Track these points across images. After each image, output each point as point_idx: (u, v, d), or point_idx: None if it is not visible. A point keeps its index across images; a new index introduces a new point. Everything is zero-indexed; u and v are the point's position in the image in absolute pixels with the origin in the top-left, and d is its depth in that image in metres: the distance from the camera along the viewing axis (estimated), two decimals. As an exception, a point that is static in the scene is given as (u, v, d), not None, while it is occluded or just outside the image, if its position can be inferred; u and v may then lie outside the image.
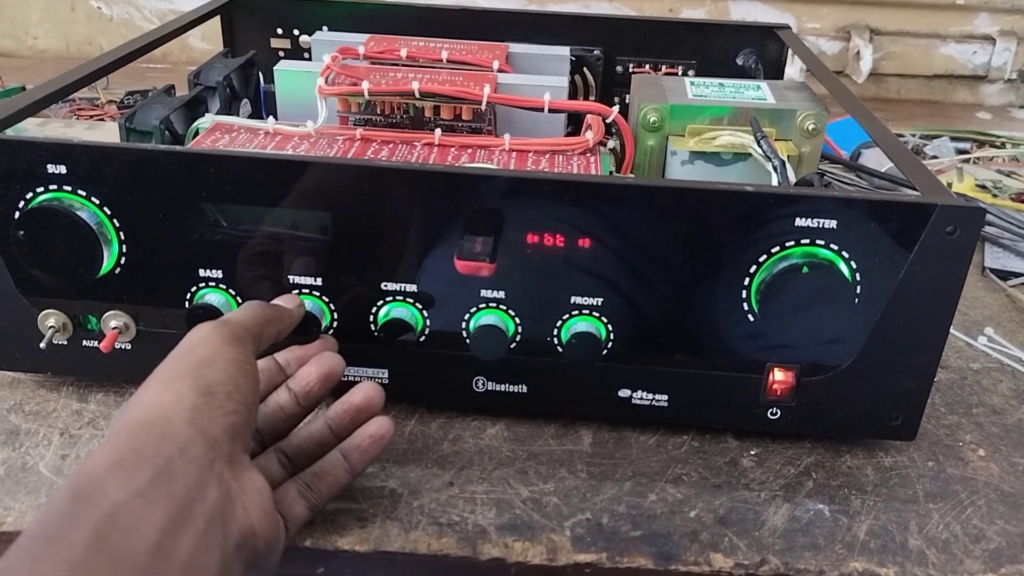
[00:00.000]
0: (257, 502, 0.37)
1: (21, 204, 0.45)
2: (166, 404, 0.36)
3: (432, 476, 0.47)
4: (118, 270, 0.47)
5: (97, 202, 0.45)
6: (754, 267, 0.45)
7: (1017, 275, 0.73)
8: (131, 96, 0.98)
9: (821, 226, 0.44)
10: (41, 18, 1.22)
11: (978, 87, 1.21)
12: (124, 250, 0.47)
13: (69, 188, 0.45)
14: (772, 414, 0.49)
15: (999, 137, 1.04)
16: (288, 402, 0.45)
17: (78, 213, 0.45)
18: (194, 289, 0.48)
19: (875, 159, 0.88)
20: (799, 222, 0.44)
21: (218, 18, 0.76)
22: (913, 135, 1.03)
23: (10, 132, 0.47)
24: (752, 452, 0.50)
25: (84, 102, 0.99)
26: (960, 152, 0.99)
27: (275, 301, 0.46)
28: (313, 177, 0.45)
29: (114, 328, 0.48)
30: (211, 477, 0.35)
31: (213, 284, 0.47)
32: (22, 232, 0.45)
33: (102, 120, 0.94)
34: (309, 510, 0.42)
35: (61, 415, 0.51)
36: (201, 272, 0.47)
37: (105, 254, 0.46)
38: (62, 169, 0.45)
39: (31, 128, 0.87)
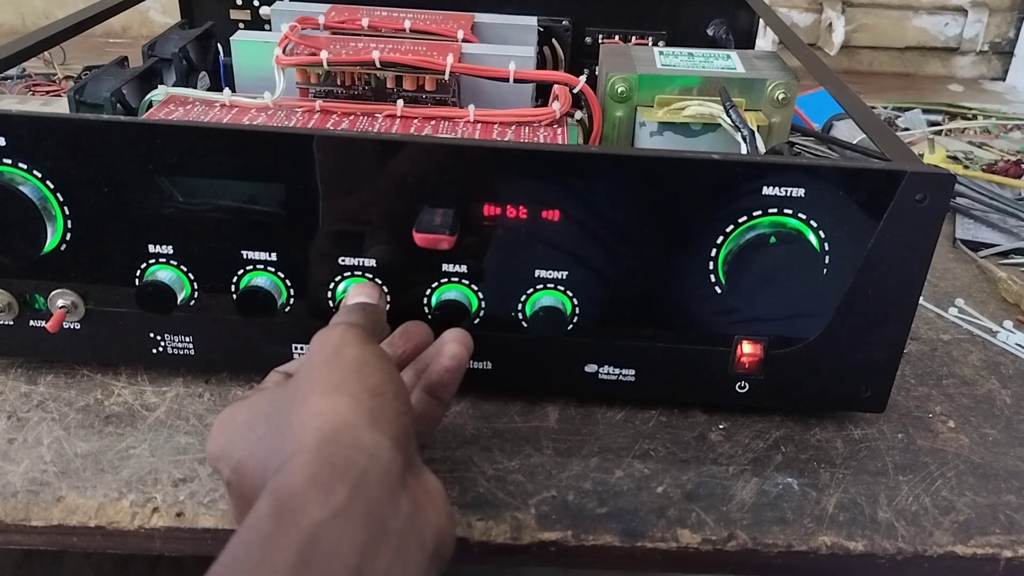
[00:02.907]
0: (441, 505, 0.35)
1: (-42, 178, 0.43)
2: (344, 410, 0.34)
3: (394, 455, 0.46)
4: (64, 247, 0.45)
5: (39, 176, 0.44)
6: (721, 238, 0.44)
7: (988, 246, 0.73)
8: (88, 71, 0.96)
9: (789, 195, 0.43)
10: (-5, -9, 1.19)
11: (950, 59, 1.21)
12: (69, 226, 0.45)
13: (9, 161, 0.43)
14: (740, 387, 0.48)
15: (971, 109, 1.04)
16: None
17: (19, 188, 0.43)
18: (144, 266, 0.46)
19: (847, 131, 0.87)
20: (767, 191, 0.43)
21: (174, -12, 0.74)
22: (885, 107, 1.02)
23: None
24: (721, 426, 0.50)
25: (40, 77, 0.96)
26: (932, 124, 0.98)
27: (357, 297, 0.45)
28: (266, 147, 0.43)
29: (61, 307, 0.47)
30: (401, 488, 0.33)
31: (164, 260, 0.46)
32: (-40, 208, 0.43)
33: (58, 95, 0.91)
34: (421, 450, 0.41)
35: (9, 398, 0.49)
36: (151, 248, 0.45)
37: (49, 230, 0.44)
38: (1, 141, 0.43)
39: (-17, 104, 0.85)
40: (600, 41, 0.75)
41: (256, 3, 0.76)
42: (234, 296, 0.46)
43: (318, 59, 0.56)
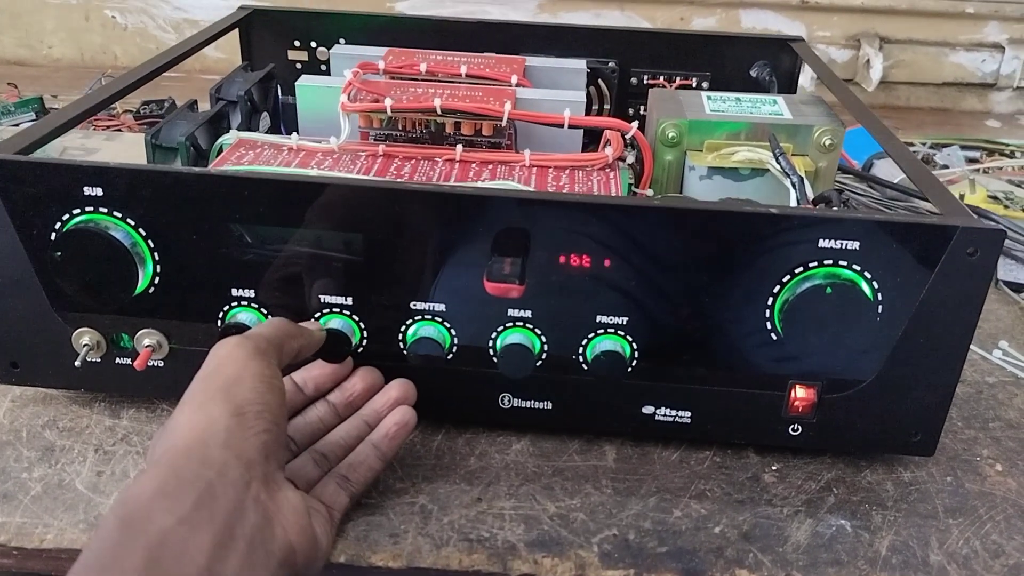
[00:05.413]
0: (293, 520, 0.38)
1: (58, 225, 0.46)
2: (201, 428, 0.37)
3: (460, 492, 0.48)
4: (152, 289, 0.48)
5: (132, 223, 0.46)
6: (777, 287, 0.46)
7: (1030, 287, 0.73)
8: (147, 106, 0.99)
9: (844, 247, 0.45)
10: (56, 27, 1.23)
11: (987, 95, 1.22)
12: (158, 270, 0.47)
13: (105, 210, 0.46)
14: (793, 430, 0.50)
15: (1008, 145, 1.05)
16: (327, 414, 0.47)
17: (113, 234, 0.46)
18: (227, 308, 0.48)
19: (887, 169, 0.89)
20: (823, 243, 0.45)
21: (234, 31, 0.77)
22: (923, 143, 1.03)
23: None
24: (774, 467, 0.51)
25: (100, 112, 0.99)
26: (970, 161, 0.99)
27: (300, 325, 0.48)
28: (344, 198, 0.46)
29: (147, 346, 0.49)
30: (249, 500, 0.36)
31: (245, 303, 0.48)
32: (59, 253, 0.46)
33: (119, 130, 0.94)
34: (350, 498, 0.45)
35: (95, 431, 0.51)
36: (234, 291, 0.48)
37: (140, 274, 0.47)
38: (98, 191, 0.45)
39: (50, 139, 0.88)
40: (645, 81, 0.77)
41: (313, 45, 0.79)
42: (309, 337, 0.49)
43: (382, 106, 0.59)
